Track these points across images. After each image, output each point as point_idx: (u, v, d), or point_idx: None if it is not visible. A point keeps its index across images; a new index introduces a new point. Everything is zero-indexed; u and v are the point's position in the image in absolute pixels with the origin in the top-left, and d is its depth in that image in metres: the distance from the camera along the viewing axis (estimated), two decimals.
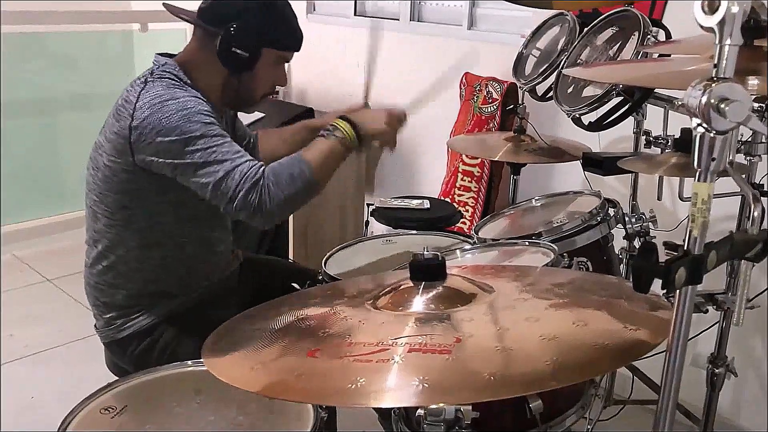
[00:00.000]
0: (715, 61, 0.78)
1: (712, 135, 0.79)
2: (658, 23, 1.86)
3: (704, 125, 0.78)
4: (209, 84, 1.66)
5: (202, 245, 1.74)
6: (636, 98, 1.76)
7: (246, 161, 1.53)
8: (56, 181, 4.03)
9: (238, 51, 1.62)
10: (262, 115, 3.10)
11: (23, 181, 3.78)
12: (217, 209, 1.64)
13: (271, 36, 1.66)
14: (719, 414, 1.92)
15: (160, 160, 1.53)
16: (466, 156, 2.88)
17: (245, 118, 2.02)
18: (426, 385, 0.86)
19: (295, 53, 1.74)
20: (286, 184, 1.53)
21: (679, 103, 1.74)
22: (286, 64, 1.75)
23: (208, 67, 1.65)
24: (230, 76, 1.66)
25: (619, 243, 1.92)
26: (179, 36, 3.83)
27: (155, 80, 1.59)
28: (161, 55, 1.68)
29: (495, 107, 2.79)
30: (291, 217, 2.94)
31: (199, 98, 1.59)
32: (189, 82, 1.63)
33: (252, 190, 1.50)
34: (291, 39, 1.71)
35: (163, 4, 1.71)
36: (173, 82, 1.60)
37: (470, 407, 1.03)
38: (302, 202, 1.60)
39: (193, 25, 1.67)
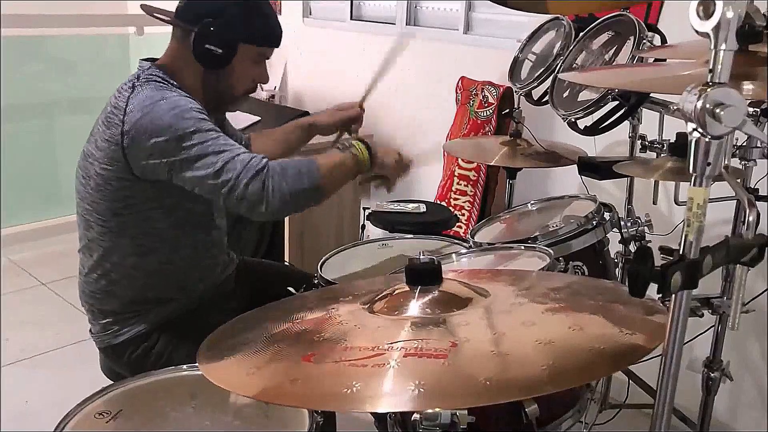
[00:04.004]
0: (711, 66, 0.78)
1: (707, 140, 0.79)
2: (653, 28, 1.87)
3: (699, 130, 0.78)
4: (191, 84, 1.65)
5: (197, 250, 1.73)
6: (631, 103, 1.76)
7: (245, 152, 1.52)
8: (53, 184, 4.02)
9: (212, 47, 1.61)
10: (258, 119, 3.09)
11: (20, 184, 3.77)
12: (212, 213, 1.62)
13: (247, 32, 1.65)
14: (715, 418, 1.92)
15: (155, 161, 1.52)
16: (462, 160, 2.88)
17: (241, 122, 2.01)
18: (422, 390, 0.86)
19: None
20: (292, 178, 1.51)
21: (675, 107, 1.74)
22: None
23: (188, 66, 1.64)
24: (207, 73, 1.65)
25: (614, 247, 1.92)
26: None
27: (143, 84, 1.58)
28: (145, 60, 1.68)
29: (491, 111, 2.79)
30: (287, 221, 2.94)
31: (190, 97, 1.58)
32: (175, 83, 1.63)
33: (255, 179, 1.48)
34: (268, 34, 1.70)
35: (141, 5, 1.70)
36: (161, 84, 1.60)
37: (466, 412, 1.02)
38: (305, 203, 1.58)
39: (172, 26, 1.67)
